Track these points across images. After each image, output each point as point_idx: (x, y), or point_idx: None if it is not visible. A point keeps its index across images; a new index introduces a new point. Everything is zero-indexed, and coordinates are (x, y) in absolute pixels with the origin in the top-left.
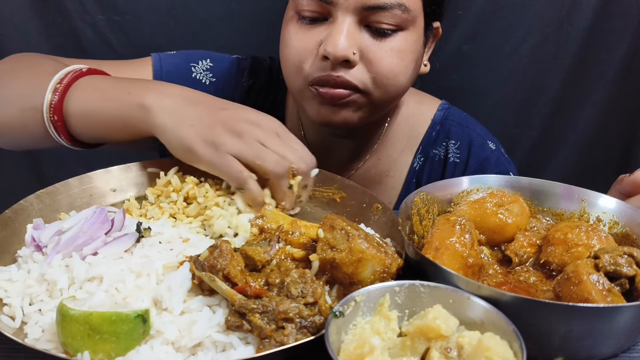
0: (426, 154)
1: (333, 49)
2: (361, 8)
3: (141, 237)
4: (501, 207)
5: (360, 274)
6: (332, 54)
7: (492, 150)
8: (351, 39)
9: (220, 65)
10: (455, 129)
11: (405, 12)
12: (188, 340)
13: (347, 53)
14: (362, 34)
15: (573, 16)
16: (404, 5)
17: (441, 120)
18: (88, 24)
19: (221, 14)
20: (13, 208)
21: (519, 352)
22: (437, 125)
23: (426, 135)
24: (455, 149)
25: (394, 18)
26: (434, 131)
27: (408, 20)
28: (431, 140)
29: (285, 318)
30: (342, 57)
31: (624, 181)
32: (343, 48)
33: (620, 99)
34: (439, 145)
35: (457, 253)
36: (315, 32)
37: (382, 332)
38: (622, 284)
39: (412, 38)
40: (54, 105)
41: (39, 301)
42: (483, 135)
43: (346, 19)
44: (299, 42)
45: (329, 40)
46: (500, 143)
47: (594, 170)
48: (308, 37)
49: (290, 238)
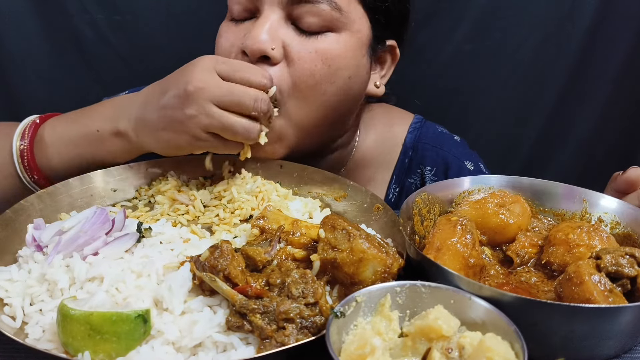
0: (401, 184)
1: (251, 41)
2: (287, 2)
3: (142, 237)
4: (502, 208)
5: (361, 274)
6: (249, 46)
7: (470, 171)
8: (273, 34)
9: None
10: (430, 152)
11: (335, 10)
12: (189, 340)
13: (265, 47)
14: (287, 30)
15: (574, 16)
16: (333, 1)
17: (413, 143)
18: (88, 24)
19: (221, 14)
20: (14, 208)
21: (520, 353)
22: (409, 150)
23: (398, 162)
24: (431, 175)
25: (321, 15)
26: (406, 158)
27: (340, 21)
28: (404, 169)
29: (286, 318)
30: (259, 50)
31: (618, 179)
32: (261, 41)
33: (621, 98)
34: (414, 173)
35: (458, 253)
36: (241, 29)
37: (383, 333)
38: (623, 285)
39: (346, 44)
40: (26, 164)
41: (39, 301)
42: (459, 156)
43: (271, 14)
44: (226, 41)
45: (249, 34)
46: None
47: (595, 170)
48: (234, 34)
49: (291, 238)
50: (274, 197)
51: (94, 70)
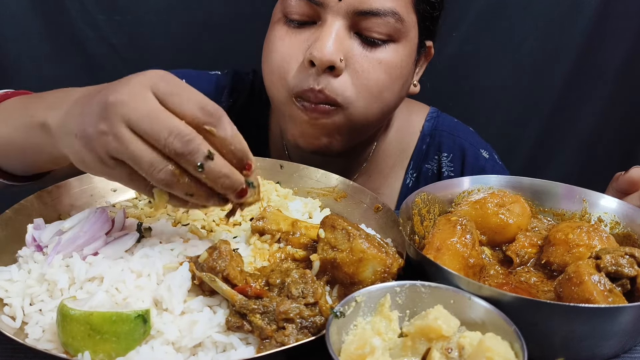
0: (418, 169)
1: (319, 52)
2: (352, 12)
3: (142, 237)
4: (502, 208)
5: (361, 274)
6: (319, 58)
7: (486, 160)
8: (339, 44)
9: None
10: (447, 139)
11: (398, 21)
12: (188, 340)
13: (334, 58)
14: (351, 40)
15: (574, 16)
16: (397, 14)
17: (430, 131)
18: (88, 24)
19: (221, 14)
20: (13, 208)
21: (520, 353)
22: (427, 137)
23: (416, 149)
24: (448, 161)
25: (386, 27)
26: (424, 144)
27: (401, 31)
28: (422, 155)
29: (286, 318)
30: (328, 62)
31: (619, 179)
32: (330, 52)
33: (621, 99)
34: (431, 159)
35: (458, 253)
36: (302, 36)
37: (383, 333)
38: (623, 285)
39: (403, 52)
40: None
41: (39, 301)
42: (475, 144)
43: (335, 23)
44: (283, 47)
45: (316, 44)
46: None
47: (595, 170)
48: (294, 42)
49: (291, 238)
50: (273, 197)
51: (93, 70)
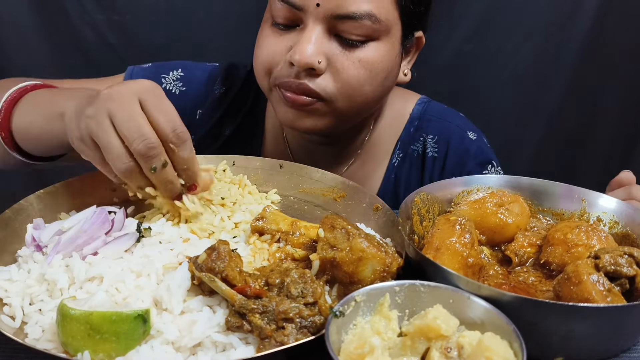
0: (405, 150)
1: (299, 56)
2: (330, 16)
3: (141, 237)
4: (501, 207)
5: (360, 273)
6: (298, 61)
7: (471, 141)
8: (318, 47)
9: (191, 74)
10: (434, 123)
11: (376, 22)
12: (188, 340)
13: (312, 61)
14: (330, 42)
15: (574, 16)
16: (374, 16)
17: (419, 115)
18: (88, 24)
19: (221, 14)
20: (13, 208)
21: (519, 352)
22: (415, 120)
23: (404, 131)
24: (433, 143)
25: (363, 29)
26: (412, 127)
27: (379, 30)
28: (409, 136)
29: (286, 318)
30: (306, 64)
31: (610, 183)
32: (308, 56)
33: (621, 99)
34: (417, 140)
35: (457, 253)
36: (286, 38)
37: (382, 332)
38: (622, 284)
39: (384, 48)
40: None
41: (39, 301)
42: (462, 127)
43: (315, 27)
44: (270, 45)
45: (296, 48)
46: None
47: (595, 170)
48: (279, 42)
49: (291, 238)
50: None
51: (93, 71)
